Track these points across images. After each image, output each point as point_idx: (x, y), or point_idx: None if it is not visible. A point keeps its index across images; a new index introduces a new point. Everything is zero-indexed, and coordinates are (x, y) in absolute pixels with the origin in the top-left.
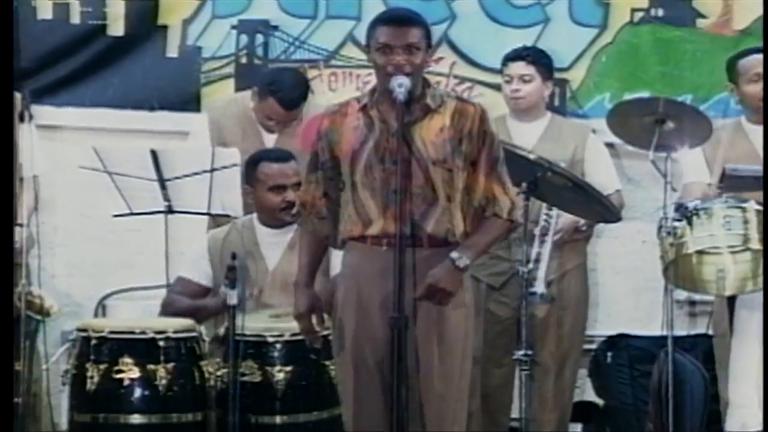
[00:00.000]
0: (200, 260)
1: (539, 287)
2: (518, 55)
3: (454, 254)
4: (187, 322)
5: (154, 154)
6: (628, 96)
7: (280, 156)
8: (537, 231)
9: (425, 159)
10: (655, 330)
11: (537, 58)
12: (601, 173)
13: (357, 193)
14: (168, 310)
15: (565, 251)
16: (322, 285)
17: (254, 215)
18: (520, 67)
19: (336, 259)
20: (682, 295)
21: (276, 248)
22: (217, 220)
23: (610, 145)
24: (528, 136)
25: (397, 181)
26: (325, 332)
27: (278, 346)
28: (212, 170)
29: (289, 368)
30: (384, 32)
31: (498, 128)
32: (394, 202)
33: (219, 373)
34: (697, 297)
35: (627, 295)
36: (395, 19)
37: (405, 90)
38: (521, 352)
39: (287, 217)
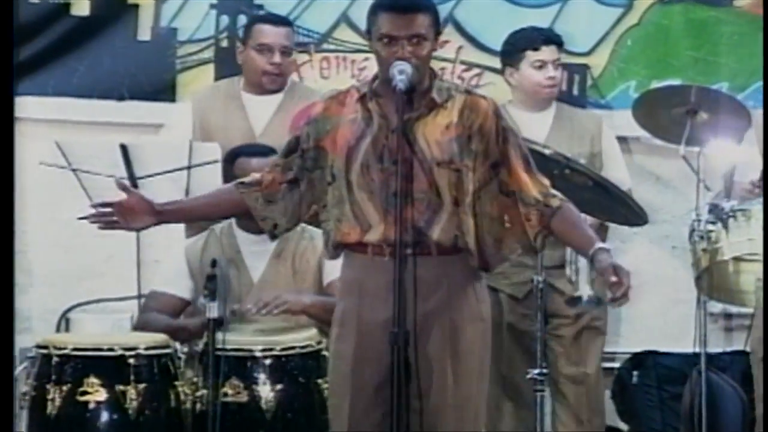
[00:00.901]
0: (178, 272)
1: (583, 290)
2: (551, 38)
3: (600, 245)
4: (160, 337)
5: (124, 149)
6: (656, 84)
7: (259, 150)
8: None
9: (429, 160)
10: (687, 347)
11: (562, 41)
12: (620, 167)
13: (353, 194)
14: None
15: None
16: (315, 296)
17: (233, 220)
18: (554, 52)
19: (328, 267)
20: (716, 307)
21: (260, 257)
22: (194, 225)
23: (625, 139)
24: (537, 128)
25: (396, 183)
26: (318, 346)
27: (267, 361)
28: (189, 167)
29: (279, 387)
30: (387, 20)
31: None
32: (394, 206)
33: (198, 394)
34: (733, 309)
35: (655, 308)
36: (399, 6)
37: (406, 78)
38: (536, 371)
39: None
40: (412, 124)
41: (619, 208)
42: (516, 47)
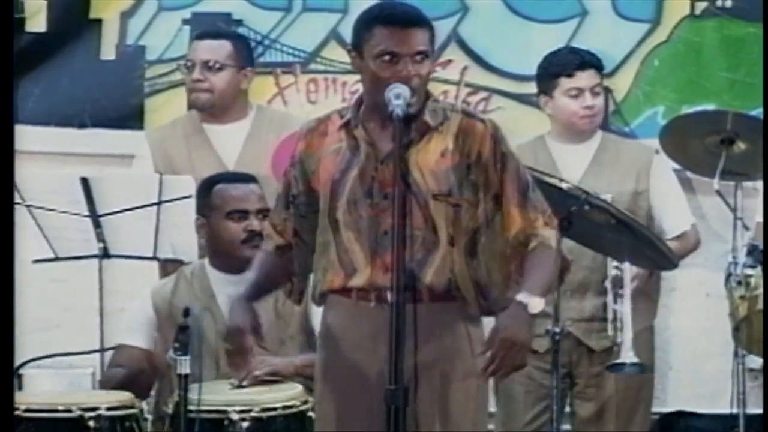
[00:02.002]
0: (144, 322)
1: (626, 356)
2: (587, 62)
3: (522, 297)
4: (124, 395)
5: (85, 184)
6: (687, 109)
7: (240, 177)
8: (608, 283)
9: (424, 192)
10: (723, 407)
11: (602, 64)
12: (672, 206)
13: (339, 235)
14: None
15: (634, 307)
16: (306, 355)
17: (206, 260)
18: (592, 77)
19: (315, 312)
20: (756, 362)
21: None
22: (166, 268)
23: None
24: (574, 161)
25: (394, 219)
26: (303, 406)
27: (245, 424)
28: (159, 203)
29: None
30: (386, 36)
31: (538, 152)
32: (384, 246)
33: None
34: None
35: (687, 363)
36: (401, 20)
37: (404, 102)
38: None
39: (250, 253)
40: (403, 151)
41: (646, 249)
42: (549, 73)
